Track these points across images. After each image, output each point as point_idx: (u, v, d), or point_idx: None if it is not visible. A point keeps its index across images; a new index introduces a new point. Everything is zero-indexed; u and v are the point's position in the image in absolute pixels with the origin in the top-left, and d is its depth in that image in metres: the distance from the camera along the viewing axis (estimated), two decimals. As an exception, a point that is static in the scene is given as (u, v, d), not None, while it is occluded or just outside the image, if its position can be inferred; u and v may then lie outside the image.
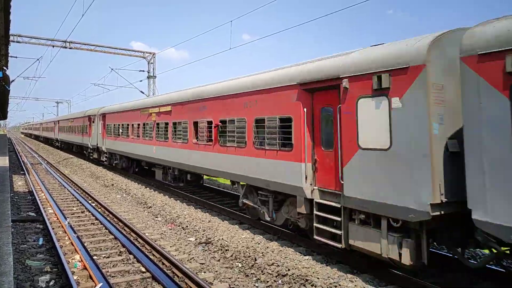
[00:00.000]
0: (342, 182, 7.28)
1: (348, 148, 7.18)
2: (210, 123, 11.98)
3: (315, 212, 8.03)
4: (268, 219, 9.98)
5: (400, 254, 6.35)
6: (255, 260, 8.19)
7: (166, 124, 15.34)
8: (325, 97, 8.00)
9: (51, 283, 7.30)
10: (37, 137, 78.49)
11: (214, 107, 11.82)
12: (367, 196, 6.75)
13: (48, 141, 58.43)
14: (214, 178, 19.77)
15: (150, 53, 34.19)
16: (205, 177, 18.08)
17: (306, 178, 8.20)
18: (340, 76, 7.34)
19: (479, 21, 5.50)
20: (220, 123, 11.38)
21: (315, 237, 8.02)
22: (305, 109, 8.24)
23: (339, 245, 7.43)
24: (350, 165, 7.13)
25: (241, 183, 10.90)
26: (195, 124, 13.01)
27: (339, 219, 7.43)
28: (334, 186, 7.71)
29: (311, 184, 8.20)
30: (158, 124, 16.29)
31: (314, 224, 8.03)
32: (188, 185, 17.04)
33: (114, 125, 22.74)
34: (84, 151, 31.73)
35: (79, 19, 18.38)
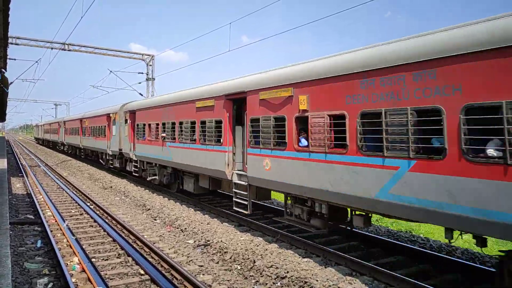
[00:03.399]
0: None
1: None
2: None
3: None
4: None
5: None
6: (254, 262, 8.18)
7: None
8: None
9: (50, 285, 7.28)
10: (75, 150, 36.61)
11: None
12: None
13: (94, 156, 29.00)
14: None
15: (149, 55, 34.20)
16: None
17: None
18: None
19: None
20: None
21: None
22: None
23: None
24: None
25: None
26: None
27: None
28: None
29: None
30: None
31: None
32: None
33: None
34: None
35: (78, 21, 18.39)
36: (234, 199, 11.04)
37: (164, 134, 15.36)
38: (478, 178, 5.26)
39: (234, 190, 11.05)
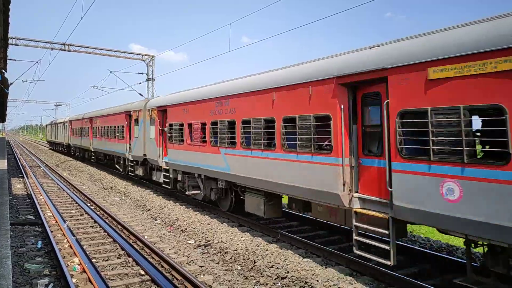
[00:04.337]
0: None
1: None
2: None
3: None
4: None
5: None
6: (255, 262, 8.18)
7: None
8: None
9: (50, 286, 7.28)
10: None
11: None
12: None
13: None
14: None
15: (149, 55, 34.23)
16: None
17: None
18: None
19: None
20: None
21: None
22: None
23: None
24: None
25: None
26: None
27: None
28: None
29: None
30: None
31: None
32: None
33: None
34: None
35: (78, 22, 18.40)
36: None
37: None
38: None
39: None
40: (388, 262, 6.51)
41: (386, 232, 6.55)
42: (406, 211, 6.13)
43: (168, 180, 15.33)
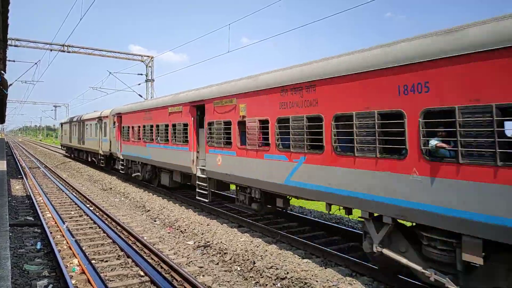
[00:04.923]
0: None
1: None
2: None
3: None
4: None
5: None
6: (254, 263, 8.18)
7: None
8: None
9: (49, 287, 7.27)
10: None
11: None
12: None
13: None
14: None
15: (148, 56, 34.27)
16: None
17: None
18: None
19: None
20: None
21: None
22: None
23: None
24: None
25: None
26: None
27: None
28: None
29: None
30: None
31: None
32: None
33: None
34: None
35: (77, 23, 18.41)
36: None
37: None
38: None
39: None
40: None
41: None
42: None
43: None
